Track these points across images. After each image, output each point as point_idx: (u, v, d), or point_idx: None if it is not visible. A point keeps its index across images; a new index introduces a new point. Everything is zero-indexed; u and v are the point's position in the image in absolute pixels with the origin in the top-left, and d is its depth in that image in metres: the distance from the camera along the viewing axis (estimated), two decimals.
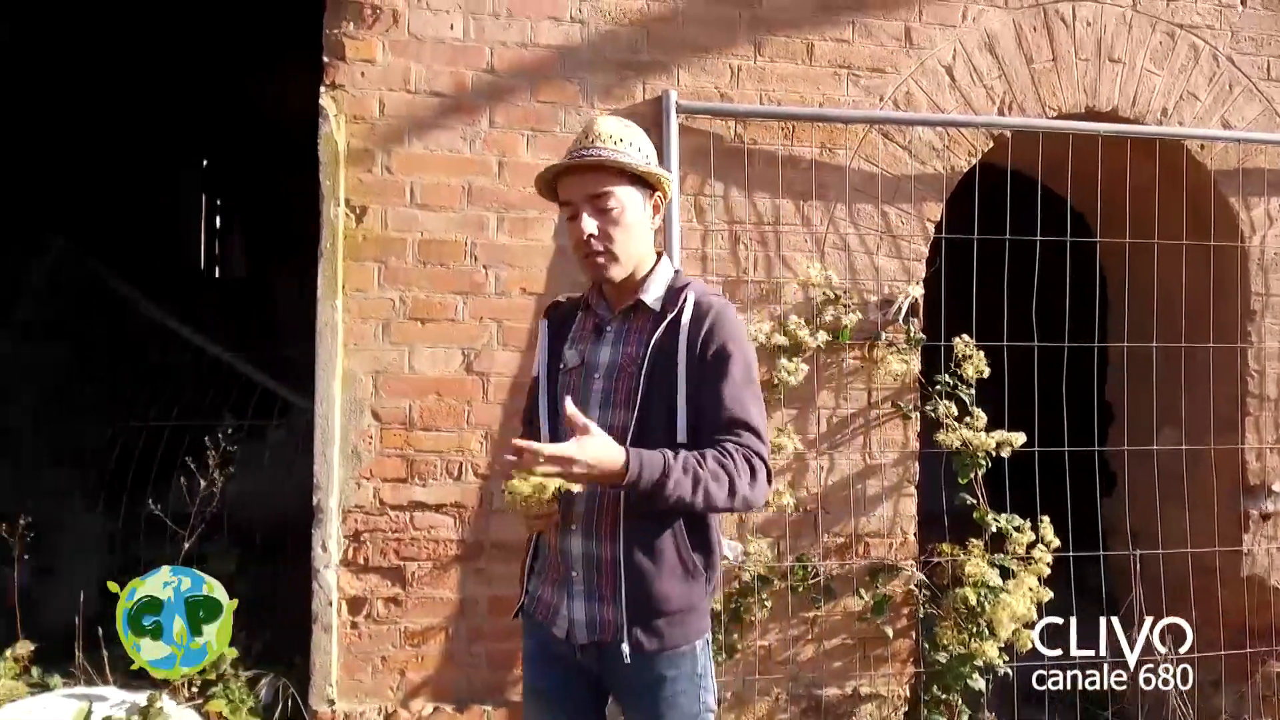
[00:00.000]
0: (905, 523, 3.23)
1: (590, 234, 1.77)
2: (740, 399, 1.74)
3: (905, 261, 3.20)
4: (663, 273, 1.87)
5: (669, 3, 3.05)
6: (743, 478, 1.70)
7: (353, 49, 2.91)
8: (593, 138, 1.80)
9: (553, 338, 1.94)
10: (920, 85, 3.20)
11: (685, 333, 1.78)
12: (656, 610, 1.76)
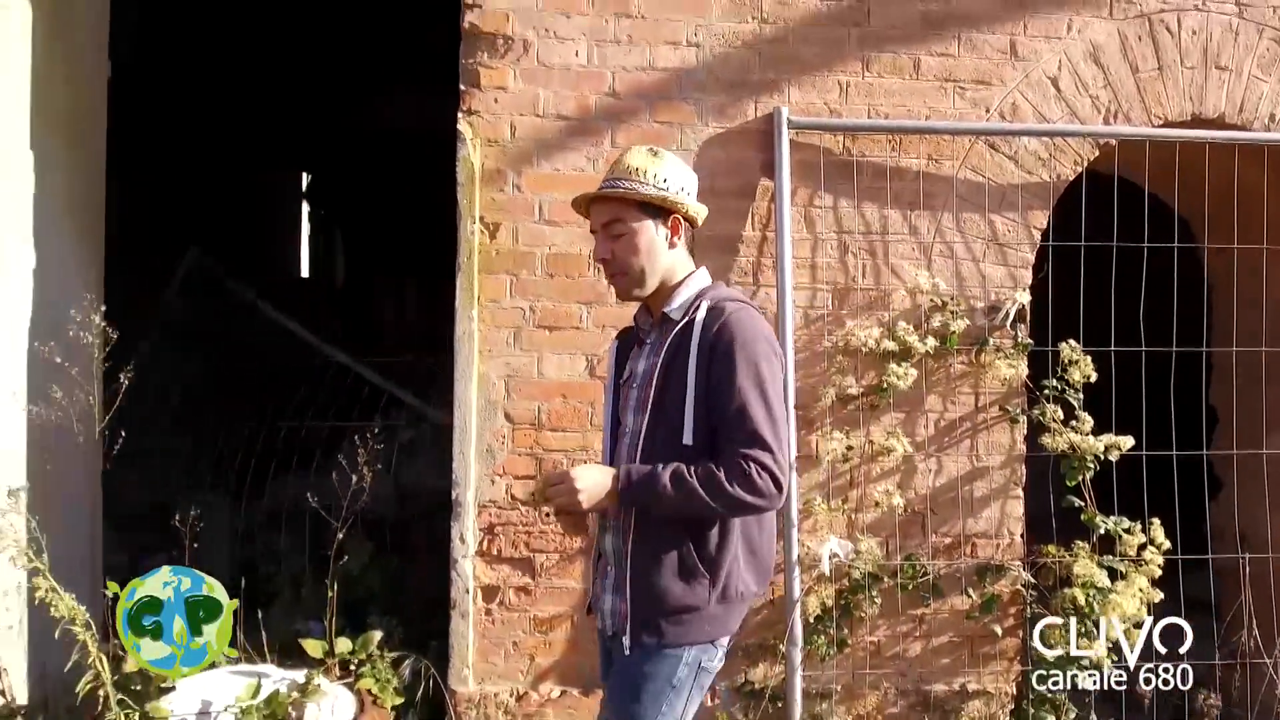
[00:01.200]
0: (1012, 524, 3.31)
1: (603, 258, 1.98)
2: (745, 406, 1.79)
3: (1012, 269, 3.28)
4: (692, 285, 1.98)
5: (780, 24, 3.20)
6: (734, 485, 1.76)
7: (487, 77, 3.14)
8: (614, 170, 1.98)
9: (619, 355, 2.12)
10: (1026, 96, 3.28)
11: (697, 333, 1.87)
12: (655, 606, 1.85)
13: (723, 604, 1.87)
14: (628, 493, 1.83)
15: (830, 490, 3.22)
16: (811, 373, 3.21)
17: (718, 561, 1.85)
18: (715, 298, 1.94)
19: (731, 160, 3.20)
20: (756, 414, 1.79)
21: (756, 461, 1.77)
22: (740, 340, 1.83)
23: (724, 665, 3.15)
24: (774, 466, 1.78)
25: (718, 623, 1.88)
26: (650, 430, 1.88)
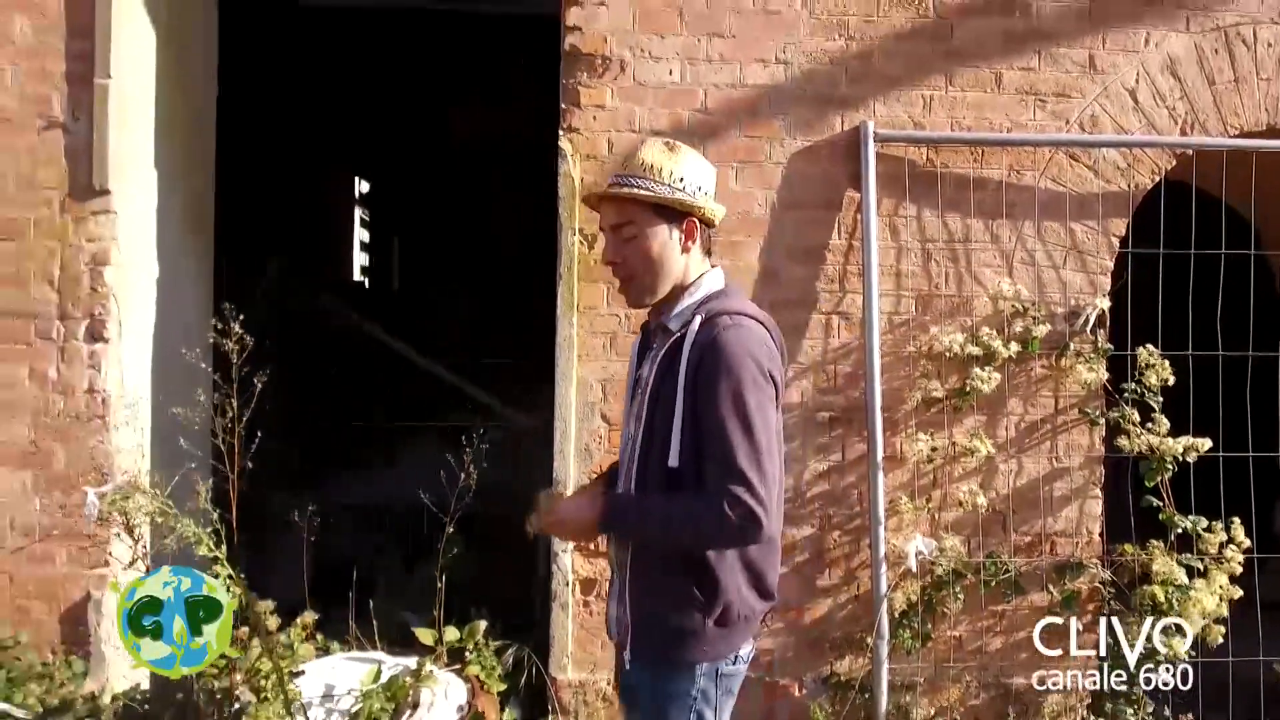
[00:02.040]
0: (1090, 523, 3.41)
1: (611, 260, 1.87)
2: (725, 438, 1.71)
3: (1091, 275, 3.38)
4: (696, 293, 1.86)
5: (866, 41, 3.33)
6: (706, 520, 1.70)
7: (586, 96, 3.30)
8: (627, 167, 1.85)
9: (638, 354, 2.02)
10: (1104, 108, 3.38)
11: (686, 352, 1.77)
12: (653, 625, 1.81)
13: (722, 628, 1.79)
14: (607, 526, 1.83)
15: (915, 490, 3.33)
16: (896, 376, 3.33)
17: (714, 588, 1.78)
18: (710, 310, 1.80)
19: (818, 172, 3.34)
20: (736, 446, 1.70)
21: (733, 497, 1.68)
22: (725, 365, 1.72)
23: (810, 657, 3.33)
24: (751, 501, 1.68)
25: (718, 644, 1.80)
26: (644, 448, 1.83)
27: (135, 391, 3.35)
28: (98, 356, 3.23)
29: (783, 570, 3.31)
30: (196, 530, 2.11)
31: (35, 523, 3.24)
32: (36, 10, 3.22)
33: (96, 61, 3.20)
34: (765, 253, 3.32)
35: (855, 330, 3.34)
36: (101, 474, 3.22)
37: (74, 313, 3.22)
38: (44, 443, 3.24)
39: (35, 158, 3.23)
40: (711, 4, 3.30)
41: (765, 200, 3.33)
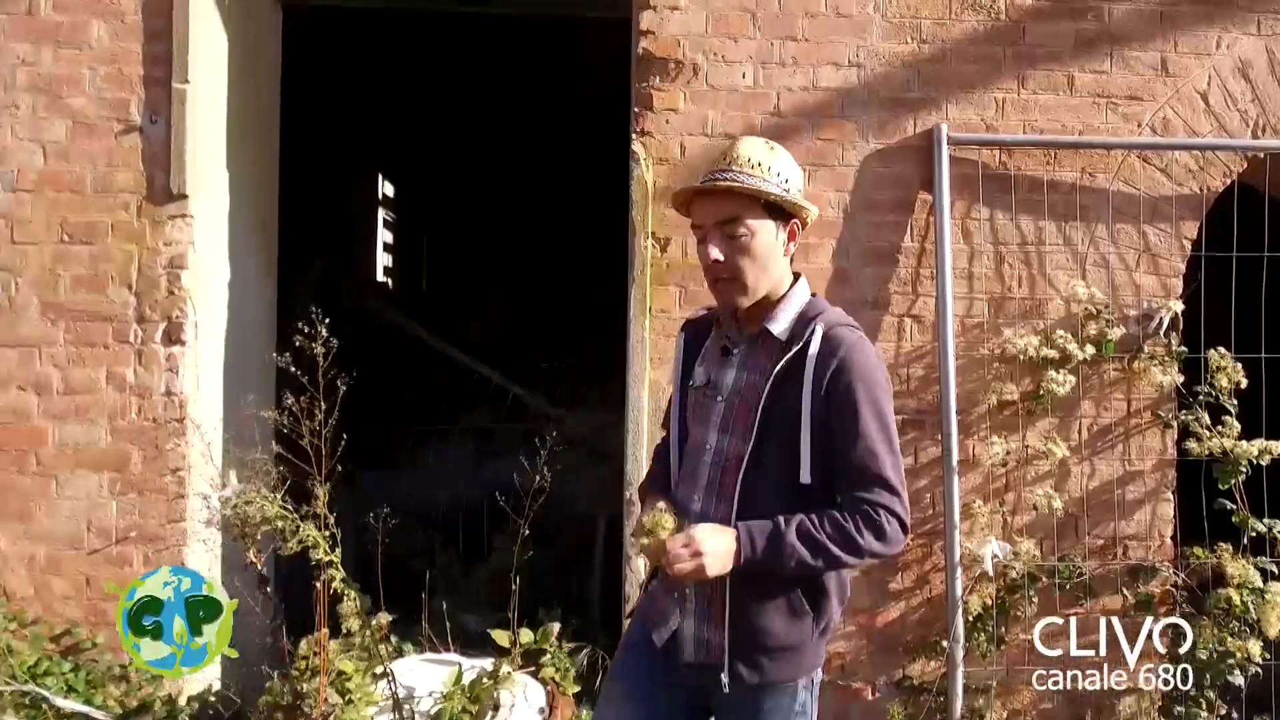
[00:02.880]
0: (1162, 526, 3.40)
1: (715, 259, 1.76)
2: (872, 449, 1.70)
3: (1163, 278, 3.37)
4: (795, 300, 1.82)
5: (938, 44, 3.33)
6: (865, 536, 1.68)
7: (659, 100, 3.31)
8: (730, 160, 1.76)
9: (687, 353, 1.95)
10: (1176, 111, 3.38)
11: (811, 368, 1.72)
12: (759, 644, 1.76)
13: (822, 638, 1.82)
14: (754, 560, 1.69)
15: (989, 493, 3.33)
16: (968, 379, 3.33)
17: (823, 600, 1.79)
18: (829, 322, 1.77)
19: (891, 175, 3.34)
20: (883, 457, 1.70)
21: (887, 509, 1.69)
22: (862, 377, 1.71)
23: (883, 660, 3.32)
24: (902, 512, 1.71)
25: (818, 654, 1.83)
26: (754, 461, 1.75)
27: (208, 393, 3.37)
28: (175, 359, 3.24)
29: (854, 574, 3.35)
30: (316, 534, 2.11)
31: (113, 525, 3.26)
32: (114, 15, 3.24)
33: (174, 65, 3.21)
34: (838, 255, 3.33)
35: (928, 333, 3.34)
36: (178, 477, 3.24)
37: (151, 316, 3.24)
38: (121, 445, 3.25)
39: (112, 161, 3.25)
40: (784, 7, 3.31)
41: (838, 202, 3.33)
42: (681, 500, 1.85)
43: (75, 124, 3.24)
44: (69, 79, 3.24)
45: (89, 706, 3.07)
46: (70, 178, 3.24)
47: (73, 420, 3.25)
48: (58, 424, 3.25)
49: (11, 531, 3.25)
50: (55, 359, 3.25)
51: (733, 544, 1.69)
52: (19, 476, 3.25)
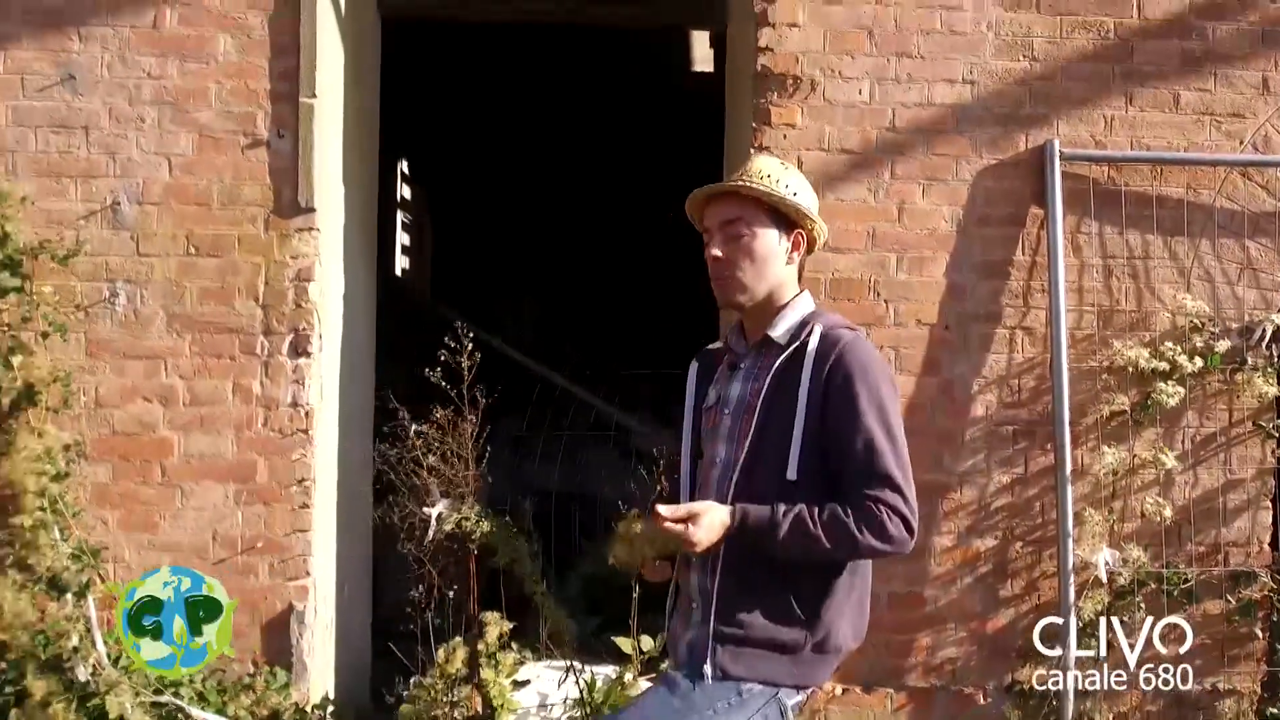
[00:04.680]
0: (1261, 533, 3.49)
1: (715, 256, 1.83)
2: (872, 444, 1.69)
3: (1264, 291, 3.46)
4: (797, 309, 1.86)
5: (1049, 62, 3.40)
6: (864, 533, 1.66)
7: (777, 115, 3.36)
8: (743, 173, 1.85)
9: (700, 380, 2.00)
10: (1276, 128, 3.46)
11: (810, 364, 1.75)
12: (743, 637, 1.74)
13: (819, 654, 1.76)
14: (740, 535, 1.70)
15: (1096, 501, 3.41)
16: (1078, 390, 3.40)
17: (821, 606, 1.75)
18: (828, 324, 1.81)
19: (1003, 189, 3.41)
20: (885, 452, 1.69)
21: (888, 505, 1.67)
22: (861, 372, 1.72)
23: (993, 666, 3.39)
24: (905, 510, 1.67)
25: (808, 671, 1.76)
26: (749, 463, 1.77)
27: (329, 404, 3.41)
28: (301, 371, 3.28)
29: (966, 580, 3.43)
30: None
31: (238, 535, 3.29)
32: (240, 30, 3.27)
33: (301, 80, 3.25)
34: (952, 268, 3.40)
35: (1038, 345, 3.42)
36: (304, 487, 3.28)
37: (278, 328, 3.27)
38: (247, 456, 3.29)
39: (239, 174, 3.28)
40: (900, 25, 3.37)
41: (951, 217, 3.40)
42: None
43: (201, 137, 3.27)
44: (195, 93, 3.27)
45: (222, 717, 3.10)
46: (196, 191, 3.27)
47: (198, 431, 3.28)
48: (183, 435, 3.28)
49: (136, 542, 3.28)
50: (181, 370, 3.27)
51: (724, 525, 1.70)
52: (144, 487, 3.28)
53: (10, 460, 3.04)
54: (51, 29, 3.25)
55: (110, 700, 3.00)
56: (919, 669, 3.42)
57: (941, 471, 3.42)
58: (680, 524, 1.67)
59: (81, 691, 2.99)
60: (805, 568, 1.75)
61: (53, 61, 3.25)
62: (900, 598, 3.41)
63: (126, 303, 3.26)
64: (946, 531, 3.42)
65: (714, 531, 1.69)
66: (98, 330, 3.25)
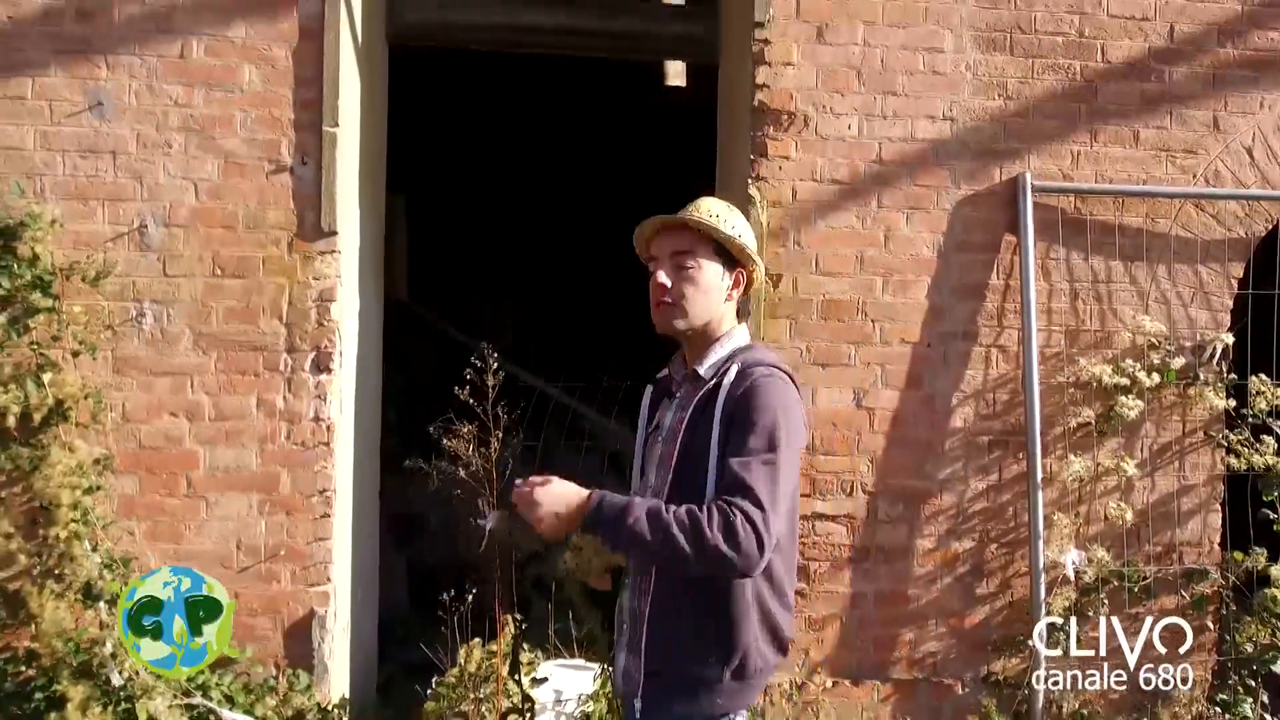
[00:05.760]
0: (1212, 533, 3.81)
1: (663, 283, 1.91)
2: (746, 464, 1.72)
3: (1214, 313, 3.78)
4: (728, 344, 1.95)
5: (1022, 101, 3.69)
6: (713, 529, 1.66)
7: (773, 148, 3.60)
8: (692, 208, 1.95)
9: (652, 406, 2.09)
10: (1225, 164, 3.79)
11: (722, 398, 1.82)
12: (668, 675, 1.81)
13: (739, 680, 1.82)
14: (594, 517, 1.73)
15: (1065, 506, 3.69)
16: (1047, 403, 3.68)
17: (735, 638, 1.80)
18: (746, 361, 1.88)
19: (979, 218, 3.68)
20: (756, 472, 1.71)
21: (744, 512, 1.67)
22: (760, 406, 1.78)
23: (971, 658, 3.65)
24: (761, 526, 1.67)
25: (733, 698, 1.83)
26: (673, 489, 1.84)
27: (347, 418, 3.57)
28: (323, 386, 3.43)
29: (946, 580, 3.69)
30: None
31: (261, 544, 3.44)
32: (265, 61, 3.42)
33: (325, 110, 3.41)
34: (933, 290, 3.66)
35: (1011, 362, 3.70)
36: (325, 497, 3.44)
37: (301, 345, 3.42)
38: (270, 468, 3.44)
39: (263, 199, 3.42)
40: (886, 65, 3.63)
41: (933, 243, 3.67)
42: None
43: (227, 163, 3.41)
44: (221, 120, 3.41)
45: (250, 717, 3.25)
46: (222, 214, 3.41)
47: (223, 445, 3.42)
48: (208, 448, 3.42)
49: (162, 551, 3.40)
50: (207, 386, 3.41)
51: (574, 501, 1.75)
52: (170, 499, 3.41)
53: (45, 474, 3.17)
54: (80, 57, 3.37)
55: (140, 704, 3.15)
56: (903, 662, 3.68)
57: (923, 478, 3.68)
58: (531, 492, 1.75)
59: (115, 697, 3.13)
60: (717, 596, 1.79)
61: (81, 89, 3.37)
62: (885, 596, 3.67)
63: (154, 322, 3.39)
64: (928, 534, 3.68)
65: (557, 500, 1.75)
66: (125, 348, 3.38)
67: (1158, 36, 3.74)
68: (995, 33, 3.67)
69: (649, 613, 1.84)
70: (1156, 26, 3.74)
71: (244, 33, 3.42)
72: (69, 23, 3.37)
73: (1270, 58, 3.78)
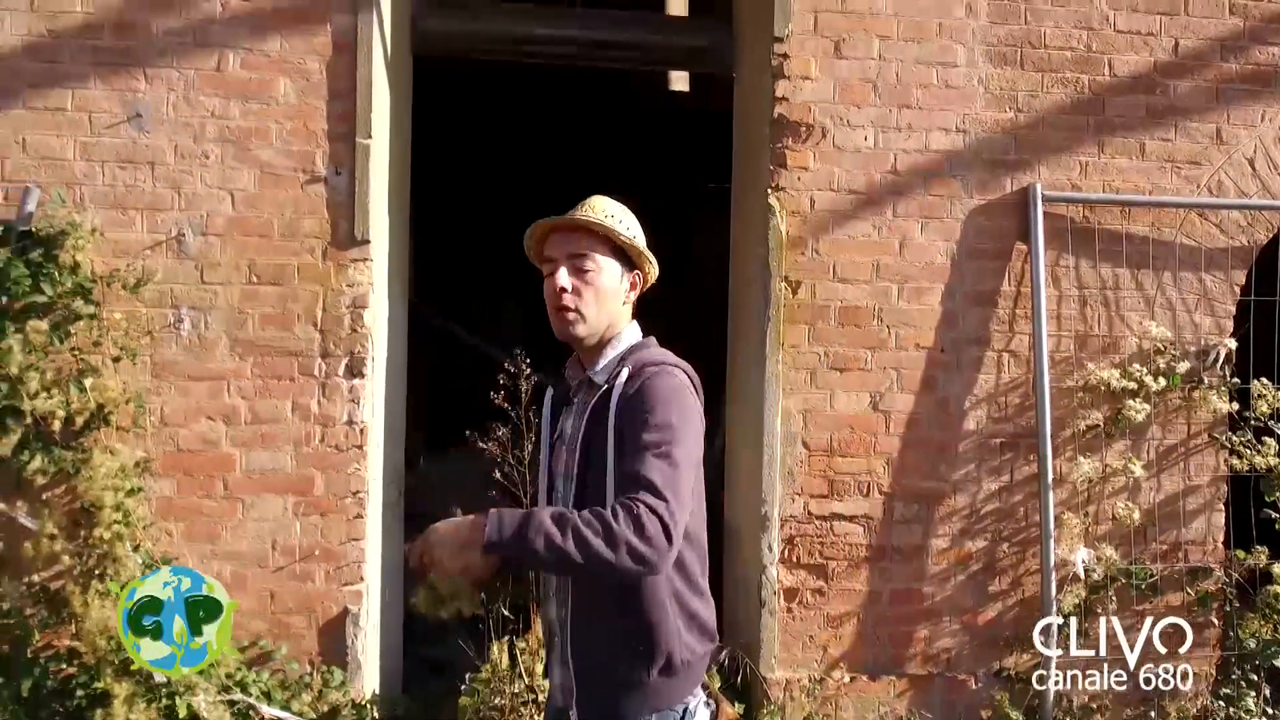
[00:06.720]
0: (1216, 533, 3.93)
1: (563, 287, 1.83)
2: (642, 459, 1.67)
3: (1218, 319, 3.90)
4: (619, 345, 1.90)
5: (1032, 114, 3.80)
6: (620, 524, 1.58)
7: (792, 159, 3.71)
8: (586, 208, 1.89)
9: (554, 407, 2.04)
10: (1228, 174, 3.91)
11: (614, 401, 1.79)
12: (597, 681, 1.79)
13: (666, 677, 1.79)
14: (498, 543, 1.60)
15: (1074, 506, 3.81)
16: (1056, 406, 3.80)
17: (656, 638, 1.77)
18: (638, 362, 1.85)
19: (991, 227, 3.80)
20: (651, 465, 1.66)
21: (647, 505, 1.60)
22: (651, 402, 1.74)
23: (983, 654, 3.76)
24: (666, 516, 1.60)
25: (663, 695, 1.80)
26: (578, 499, 1.81)
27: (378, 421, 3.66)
28: (356, 391, 3.53)
29: (959, 578, 3.80)
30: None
31: (296, 544, 3.53)
32: (300, 74, 3.51)
33: (358, 122, 3.50)
34: (946, 297, 3.78)
35: (1022, 366, 3.81)
36: (358, 498, 3.53)
37: (335, 351, 3.52)
38: (305, 470, 3.53)
39: (299, 209, 3.52)
40: (901, 79, 3.75)
41: (946, 251, 3.78)
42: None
43: (263, 174, 3.50)
44: (256, 132, 3.50)
45: (288, 712, 3.34)
46: (258, 223, 3.51)
47: (259, 448, 3.51)
48: (245, 451, 3.51)
49: (199, 551, 3.49)
50: (243, 391, 3.50)
51: (468, 530, 1.62)
52: (207, 500, 3.50)
53: (88, 477, 3.25)
54: (119, 70, 3.46)
55: (179, 700, 3.24)
56: (918, 658, 3.79)
57: (937, 480, 3.80)
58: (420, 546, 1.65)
59: (158, 693, 3.21)
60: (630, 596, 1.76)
61: (120, 101, 3.46)
62: (901, 594, 3.79)
63: (191, 328, 3.48)
64: (942, 534, 3.80)
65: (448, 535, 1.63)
66: (163, 354, 3.47)
67: (1163, 51, 3.86)
68: (1006, 47, 3.79)
69: (570, 621, 1.83)
70: (1162, 42, 3.86)
71: (279, 46, 3.51)
72: (108, 36, 3.46)
73: (1271, 72, 3.91)
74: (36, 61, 3.42)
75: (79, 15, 3.44)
